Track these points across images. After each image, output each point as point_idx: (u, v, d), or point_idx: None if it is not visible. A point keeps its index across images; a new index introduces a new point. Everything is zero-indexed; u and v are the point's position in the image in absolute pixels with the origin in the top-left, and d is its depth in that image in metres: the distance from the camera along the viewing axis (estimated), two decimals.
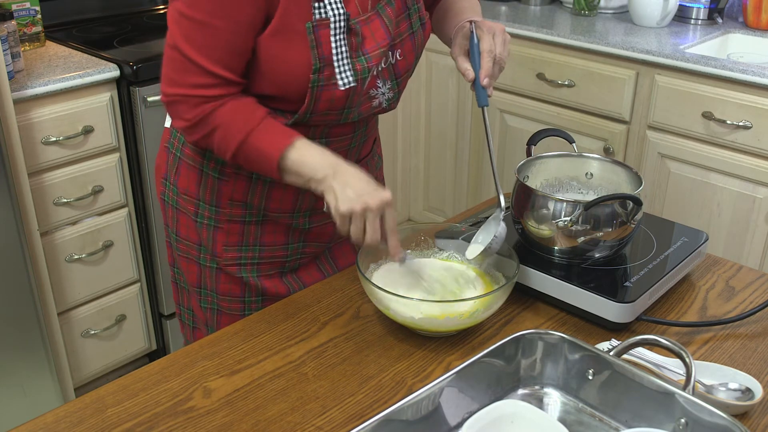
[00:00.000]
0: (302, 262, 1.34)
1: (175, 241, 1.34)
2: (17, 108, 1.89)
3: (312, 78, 1.11)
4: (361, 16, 1.15)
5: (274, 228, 1.28)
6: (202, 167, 1.26)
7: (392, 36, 1.18)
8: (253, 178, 1.24)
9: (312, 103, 1.13)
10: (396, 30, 1.19)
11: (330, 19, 1.10)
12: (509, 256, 1.13)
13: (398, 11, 1.19)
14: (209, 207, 1.27)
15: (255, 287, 1.30)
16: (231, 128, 1.11)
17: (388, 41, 1.17)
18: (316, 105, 1.14)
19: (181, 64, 1.09)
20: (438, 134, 2.94)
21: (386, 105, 1.23)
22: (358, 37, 1.14)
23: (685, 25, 2.50)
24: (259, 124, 1.11)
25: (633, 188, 1.21)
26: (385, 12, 1.17)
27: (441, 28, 1.32)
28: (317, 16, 1.09)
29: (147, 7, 2.73)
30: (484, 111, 1.18)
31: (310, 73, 1.10)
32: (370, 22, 1.15)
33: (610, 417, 0.93)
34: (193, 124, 1.12)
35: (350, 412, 0.96)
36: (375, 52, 1.16)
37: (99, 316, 2.26)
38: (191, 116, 1.11)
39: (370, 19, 1.15)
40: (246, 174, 1.23)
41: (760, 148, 2.07)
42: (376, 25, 1.16)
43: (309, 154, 1.10)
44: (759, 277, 1.25)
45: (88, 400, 0.98)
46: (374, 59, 1.16)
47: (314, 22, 1.09)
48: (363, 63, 1.14)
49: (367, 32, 1.15)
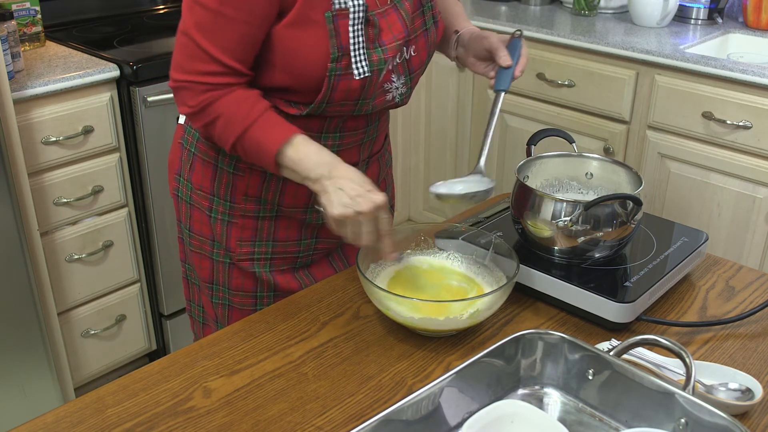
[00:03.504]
0: (314, 258, 1.35)
1: (188, 236, 1.35)
2: (17, 108, 1.89)
3: (330, 67, 1.12)
4: (378, 8, 1.16)
5: (287, 223, 1.29)
6: (216, 162, 1.26)
7: (408, 30, 1.20)
8: (267, 174, 1.24)
9: (329, 92, 1.14)
10: (411, 26, 1.21)
11: (349, 9, 1.11)
12: (509, 256, 1.13)
13: (414, 7, 1.22)
14: (223, 202, 1.28)
15: (267, 282, 1.32)
16: (232, 119, 1.11)
17: (404, 35, 1.19)
18: (333, 94, 1.14)
19: (191, 50, 1.10)
20: (438, 134, 2.94)
21: (399, 100, 1.25)
22: (375, 28, 1.15)
23: (685, 25, 2.50)
24: (260, 116, 1.11)
25: (633, 188, 1.21)
26: (402, 6, 1.19)
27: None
28: (337, 6, 1.10)
29: (147, 7, 2.73)
30: (501, 95, 1.25)
31: (328, 62, 1.11)
32: (387, 15, 1.17)
33: (610, 417, 0.93)
34: (196, 111, 1.13)
35: (350, 412, 0.96)
36: (391, 45, 1.17)
37: (99, 316, 2.26)
38: (195, 103, 1.12)
39: (387, 12, 1.17)
40: (260, 169, 1.24)
41: (760, 148, 2.07)
42: (393, 18, 1.17)
43: (306, 151, 1.11)
44: (759, 277, 1.25)
45: (88, 400, 0.98)
46: (390, 51, 1.17)
47: (334, 11, 1.10)
48: (379, 54, 1.15)
49: (384, 24, 1.16)
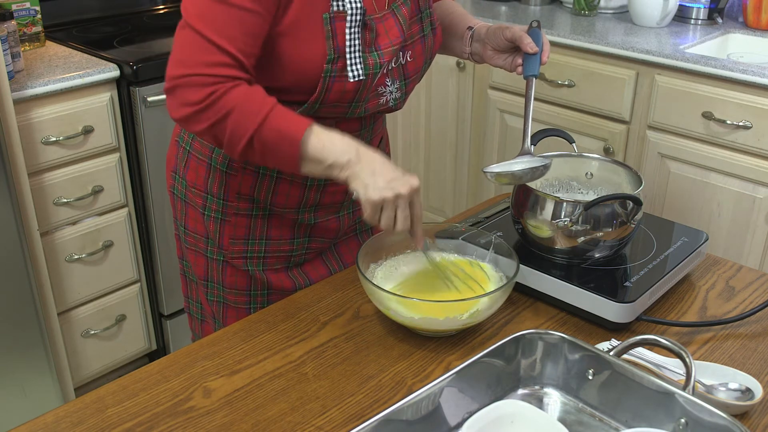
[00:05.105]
0: (308, 257, 1.35)
1: (183, 233, 1.36)
2: (17, 108, 1.89)
3: (325, 68, 1.11)
4: (376, 13, 1.17)
5: (280, 222, 1.29)
6: (210, 161, 1.27)
7: (405, 35, 1.20)
8: (260, 173, 1.24)
9: (323, 94, 1.14)
10: (408, 31, 1.21)
11: (347, 12, 1.11)
12: (509, 256, 1.13)
13: (411, 13, 1.22)
14: (217, 200, 1.28)
15: (261, 281, 1.32)
16: (248, 111, 1.04)
17: (401, 40, 1.19)
18: (327, 95, 1.14)
19: (193, 41, 1.04)
20: (438, 134, 2.94)
21: (393, 104, 1.25)
22: (372, 32, 1.15)
23: (685, 25, 2.50)
24: (274, 107, 1.06)
25: (633, 188, 1.21)
26: (400, 11, 1.19)
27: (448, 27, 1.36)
28: (334, 8, 1.11)
29: (147, 7, 2.73)
30: (533, 81, 1.25)
31: (324, 63, 1.11)
32: (385, 20, 1.17)
33: (610, 417, 0.93)
34: (202, 108, 1.04)
35: (350, 412, 0.96)
36: (387, 49, 1.17)
37: (99, 316, 2.26)
38: (199, 97, 1.03)
39: (385, 17, 1.18)
40: (253, 168, 1.24)
41: (760, 148, 2.07)
42: (390, 23, 1.18)
43: (330, 137, 1.06)
44: (759, 277, 1.25)
45: (88, 400, 0.98)
46: (386, 56, 1.17)
47: (331, 13, 1.10)
48: (375, 58, 1.16)
49: (381, 29, 1.17)
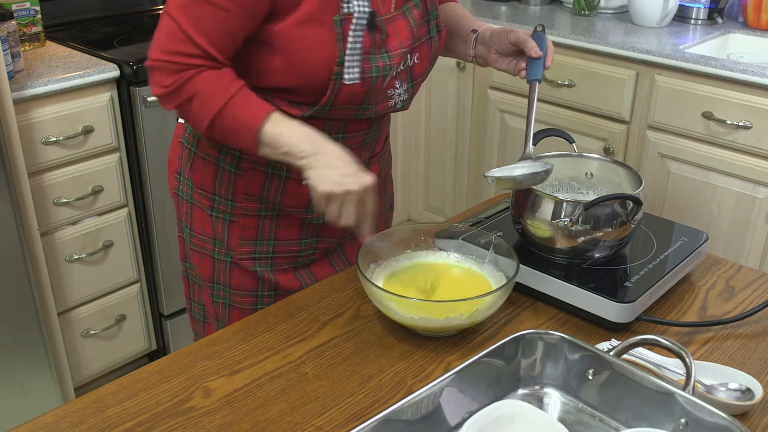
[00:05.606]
0: (315, 257, 1.35)
1: (188, 235, 1.35)
2: (17, 108, 1.89)
3: (336, 70, 1.12)
4: (385, 14, 1.16)
5: (288, 223, 1.30)
6: (218, 161, 1.26)
7: (414, 37, 1.20)
8: (268, 173, 1.24)
9: (333, 96, 1.14)
10: (417, 33, 1.21)
11: (353, 14, 1.11)
12: (509, 256, 1.13)
13: (421, 15, 1.21)
14: (225, 201, 1.28)
15: (269, 281, 1.32)
16: (210, 95, 1.10)
17: (410, 42, 1.19)
18: (337, 98, 1.14)
19: (171, 30, 1.09)
20: (438, 134, 2.94)
21: (401, 105, 1.25)
22: (382, 34, 1.15)
23: (685, 25, 2.50)
24: (238, 91, 1.10)
25: (633, 188, 1.21)
26: (411, 13, 1.19)
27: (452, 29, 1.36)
28: (345, 10, 1.11)
29: (147, 7, 2.73)
30: (536, 85, 1.24)
31: (334, 65, 1.11)
32: (395, 21, 1.17)
33: (610, 417, 0.93)
34: (171, 91, 1.11)
35: (350, 412, 0.96)
36: (397, 51, 1.17)
37: (99, 316, 2.26)
38: (169, 82, 1.10)
39: (395, 18, 1.17)
40: (262, 169, 1.24)
41: (760, 148, 2.07)
42: (400, 25, 1.17)
43: (288, 126, 1.10)
44: (759, 277, 1.25)
45: (88, 400, 0.98)
46: (396, 58, 1.17)
47: (342, 15, 1.10)
48: (385, 60, 1.15)
49: (391, 30, 1.16)
